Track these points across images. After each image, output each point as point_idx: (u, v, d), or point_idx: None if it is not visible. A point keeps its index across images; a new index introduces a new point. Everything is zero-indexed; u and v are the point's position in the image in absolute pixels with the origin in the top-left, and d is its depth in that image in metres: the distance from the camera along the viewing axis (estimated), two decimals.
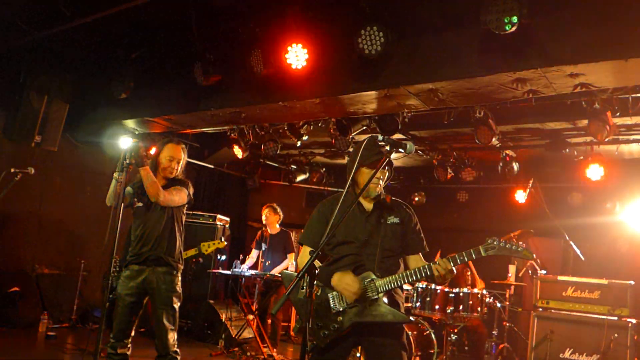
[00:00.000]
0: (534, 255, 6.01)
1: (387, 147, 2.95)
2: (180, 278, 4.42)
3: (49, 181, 8.04)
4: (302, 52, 4.98)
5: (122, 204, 4.00)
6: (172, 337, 4.26)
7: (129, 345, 4.29)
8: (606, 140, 5.97)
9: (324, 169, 10.43)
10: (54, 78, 6.98)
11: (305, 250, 3.34)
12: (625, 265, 8.12)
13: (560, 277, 5.96)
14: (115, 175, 4.15)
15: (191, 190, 4.51)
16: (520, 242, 2.95)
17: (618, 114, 5.74)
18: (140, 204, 4.37)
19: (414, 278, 3.05)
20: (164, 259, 4.30)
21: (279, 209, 7.83)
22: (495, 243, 2.94)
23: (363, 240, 3.19)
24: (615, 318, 5.41)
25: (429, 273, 3.01)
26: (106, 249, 3.97)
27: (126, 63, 6.49)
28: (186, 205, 4.55)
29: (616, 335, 5.30)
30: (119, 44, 6.43)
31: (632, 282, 5.56)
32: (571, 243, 6.88)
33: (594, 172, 6.96)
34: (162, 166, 4.37)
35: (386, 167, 3.17)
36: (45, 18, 5.83)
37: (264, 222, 7.77)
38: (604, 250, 8.54)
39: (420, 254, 3.32)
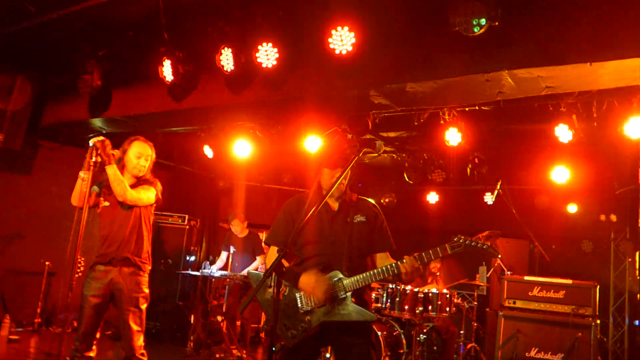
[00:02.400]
0: (499, 253, 6.11)
1: (356, 146, 2.95)
2: (147, 279, 4.34)
3: (11, 180, 7.83)
4: (272, 51, 4.96)
5: (88, 204, 3.91)
6: (139, 339, 4.17)
7: (94, 348, 4.19)
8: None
9: (294, 170, 10.39)
10: (17, 75, 6.81)
11: (272, 250, 3.32)
12: (589, 266, 8.31)
13: (526, 277, 6.05)
14: (81, 174, 4.05)
15: (160, 190, 4.43)
16: (486, 240, 2.99)
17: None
18: (106, 204, 4.27)
19: (382, 276, 3.06)
20: (131, 260, 4.21)
21: (244, 215, 7.77)
22: (461, 241, 2.98)
23: (330, 240, 3.19)
24: (580, 317, 5.52)
25: (396, 271, 3.02)
26: (71, 250, 3.86)
27: (94, 60, 6.36)
28: (154, 205, 4.48)
29: (580, 334, 5.40)
30: (86, 41, 6.30)
31: (596, 283, 5.68)
32: (537, 244, 7.00)
33: (560, 174, 7.12)
34: (130, 164, 4.28)
35: (349, 168, 3.17)
36: (9, 14, 5.68)
37: (232, 230, 7.73)
38: (569, 251, 8.74)
39: (387, 252, 3.33)
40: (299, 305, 3.11)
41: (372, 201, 3.44)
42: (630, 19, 3.77)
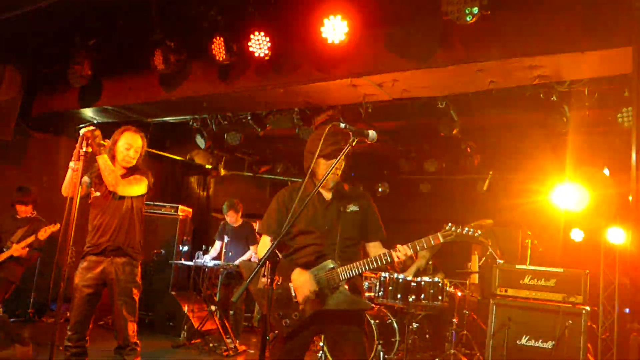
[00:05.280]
0: (490, 242, 6.15)
1: (349, 135, 2.93)
2: (140, 269, 4.34)
3: (2, 171, 7.77)
4: (264, 40, 4.94)
5: (79, 194, 3.89)
6: (132, 328, 4.18)
7: (87, 338, 4.19)
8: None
9: (287, 160, 10.39)
10: (7, 65, 6.75)
11: (265, 240, 3.32)
12: (580, 254, 8.36)
13: (518, 266, 6.08)
14: (72, 164, 4.03)
15: (151, 180, 4.41)
16: (477, 228, 2.99)
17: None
18: (97, 194, 4.26)
19: (374, 265, 3.07)
20: (123, 250, 4.21)
21: (239, 205, 7.76)
22: (452, 229, 3.00)
23: (324, 229, 3.20)
24: (570, 305, 5.56)
25: (389, 260, 3.03)
26: (62, 241, 3.84)
27: (84, 50, 6.30)
28: (146, 196, 4.46)
29: (570, 321, 5.44)
30: (76, 30, 6.24)
31: (587, 271, 5.72)
32: (529, 232, 7.03)
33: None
34: (119, 155, 4.26)
35: (343, 157, 3.16)
36: None
37: (227, 220, 7.72)
38: (561, 239, 8.79)
39: (379, 241, 3.35)
40: (293, 294, 3.11)
41: (364, 191, 3.45)
42: (620, 7, 3.77)
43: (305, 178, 3.06)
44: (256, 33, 4.97)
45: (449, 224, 3.01)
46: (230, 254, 7.58)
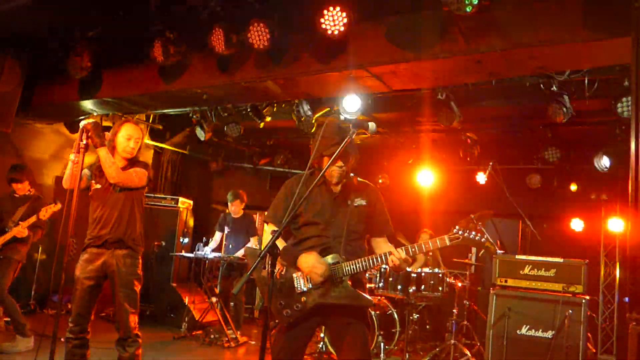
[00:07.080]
0: (497, 248, 6.17)
1: (350, 131, 2.91)
2: (140, 261, 4.36)
3: (2, 164, 7.77)
4: (264, 31, 4.92)
5: (79, 187, 3.89)
6: (133, 320, 4.20)
7: (89, 330, 4.21)
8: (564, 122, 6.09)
9: (288, 151, 10.39)
10: (6, 57, 6.73)
11: (270, 229, 3.32)
12: (580, 244, 8.38)
13: (518, 256, 6.09)
14: (72, 156, 4.03)
15: (151, 172, 4.42)
16: (483, 230, 3.01)
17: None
18: (98, 186, 4.26)
19: (376, 263, 3.10)
20: (124, 242, 4.22)
21: (244, 196, 7.79)
22: (459, 233, 3.01)
23: (329, 221, 3.20)
24: (570, 295, 5.58)
25: (384, 261, 3.07)
26: (63, 233, 3.85)
27: (83, 41, 6.28)
28: (146, 188, 4.47)
29: (570, 311, 5.46)
30: (76, 22, 6.22)
31: (587, 261, 5.73)
32: (528, 223, 7.05)
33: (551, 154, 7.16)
34: (119, 146, 4.26)
35: (350, 152, 3.16)
36: None
37: (230, 209, 7.73)
38: (560, 229, 8.81)
39: (385, 236, 3.36)
40: (295, 285, 3.12)
41: (373, 185, 3.45)
42: None
43: (312, 170, 3.06)
44: (255, 24, 4.95)
45: (457, 227, 3.02)
46: (230, 246, 7.60)
